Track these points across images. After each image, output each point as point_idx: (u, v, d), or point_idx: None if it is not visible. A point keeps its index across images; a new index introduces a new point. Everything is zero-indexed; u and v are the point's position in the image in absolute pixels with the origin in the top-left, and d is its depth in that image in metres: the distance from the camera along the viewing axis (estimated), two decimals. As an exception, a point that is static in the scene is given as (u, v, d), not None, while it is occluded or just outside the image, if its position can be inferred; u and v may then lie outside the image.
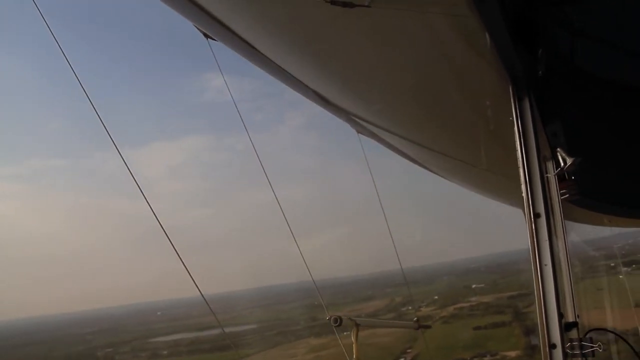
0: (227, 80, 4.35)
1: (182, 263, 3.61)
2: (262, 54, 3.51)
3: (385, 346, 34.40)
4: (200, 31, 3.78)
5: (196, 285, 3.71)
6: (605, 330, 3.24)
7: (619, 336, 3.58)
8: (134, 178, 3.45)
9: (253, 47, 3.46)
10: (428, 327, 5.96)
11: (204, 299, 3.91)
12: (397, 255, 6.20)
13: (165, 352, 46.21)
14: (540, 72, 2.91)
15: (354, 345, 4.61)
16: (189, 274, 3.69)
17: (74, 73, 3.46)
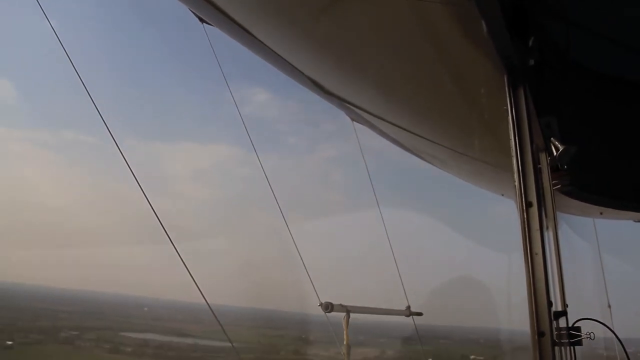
0: (271, 98, 4.32)
1: (185, 267, 3.61)
2: (257, 39, 3.50)
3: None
4: (196, 15, 3.76)
5: (200, 291, 3.71)
6: (594, 320, 3.26)
7: (608, 327, 3.60)
8: (135, 178, 3.46)
9: (249, 33, 3.45)
10: (419, 314, 6.00)
11: (209, 307, 3.90)
12: (409, 304, 6.11)
13: (129, 349, 43.86)
14: (535, 63, 2.91)
15: (344, 331, 4.65)
16: (192, 277, 3.68)
17: (77, 73, 3.46)
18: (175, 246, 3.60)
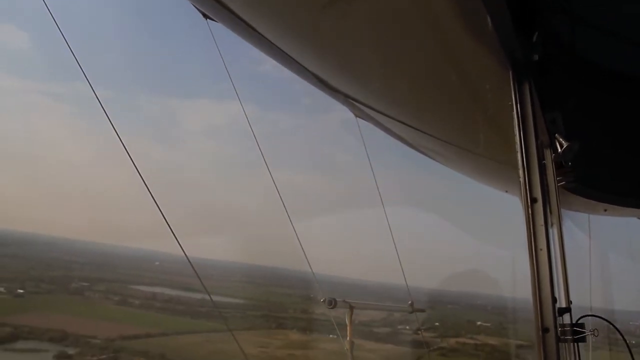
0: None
1: (167, 224, 3.60)
2: (261, 34, 3.50)
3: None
4: (199, 11, 3.76)
5: (180, 246, 3.70)
6: (597, 317, 3.25)
7: (611, 324, 3.60)
8: (125, 148, 3.46)
9: (252, 28, 3.45)
10: (422, 311, 6.00)
11: (188, 260, 3.88)
12: (402, 270, 6.10)
13: (137, 302, 43.75)
14: (540, 58, 2.90)
15: (348, 327, 4.65)
16: (173, 233, 3.67)
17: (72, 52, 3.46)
18: (160, 206, 3.59)
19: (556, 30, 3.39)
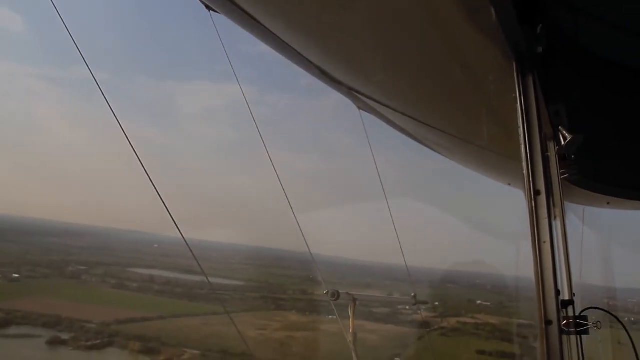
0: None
1: (163, 204, 3.56)
2: (264, 26, 3.49)
3: (372, 346, 31.53)
4: (202, 2, 3.74)
5: (177, 227, 3.67)
6: (601, 309, 3.26)
7: (615, 317, 3.61)
8: (129, 142, 3.45)
9: (255, 20, 3.44)
10: (425, 303, 6.02)
11: (185, 241, 3.84)
12: (401, 249, 6.09)
13: (134, 285, 43.31)
14: (544, 50, 2.89)
15: (350, 319, 4.65)
16: (170, 214, 3.65)
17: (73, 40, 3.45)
18: (157, 188, 3.56)
19: (560, 22, 3.37)
